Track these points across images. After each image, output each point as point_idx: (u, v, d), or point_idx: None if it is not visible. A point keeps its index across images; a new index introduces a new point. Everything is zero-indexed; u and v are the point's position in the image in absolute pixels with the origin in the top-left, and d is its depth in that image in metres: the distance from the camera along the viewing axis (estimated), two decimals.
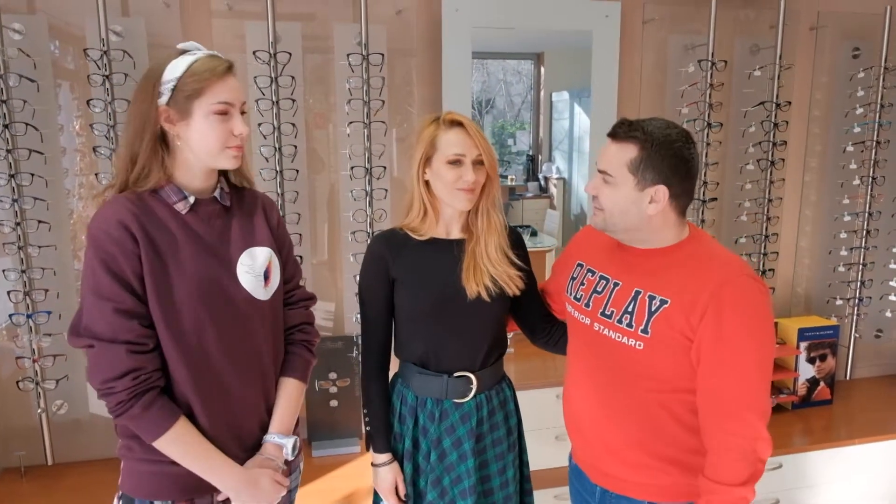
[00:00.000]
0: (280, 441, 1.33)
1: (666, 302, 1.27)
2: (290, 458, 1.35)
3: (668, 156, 1.25)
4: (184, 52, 1.22)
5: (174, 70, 1.19)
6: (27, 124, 1.96)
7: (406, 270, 1.48)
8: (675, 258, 1.31)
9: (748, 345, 1.22)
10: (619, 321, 1.33)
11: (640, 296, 1.31)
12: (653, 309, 1.28)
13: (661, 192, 1.27)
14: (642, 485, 1.37)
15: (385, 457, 1.52)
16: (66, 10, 2.03)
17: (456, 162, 1.42)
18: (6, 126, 1.94)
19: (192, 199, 1.25)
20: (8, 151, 1.95)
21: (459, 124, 1.44)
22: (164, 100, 1.19)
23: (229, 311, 1.25)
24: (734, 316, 1.21)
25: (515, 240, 1.58)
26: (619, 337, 1.33)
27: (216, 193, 1.29)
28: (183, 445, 1.21)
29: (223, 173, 1.32)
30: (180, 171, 1.24)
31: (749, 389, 1.23)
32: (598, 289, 1.40)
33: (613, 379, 1.37)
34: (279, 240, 1.39)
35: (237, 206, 1.33)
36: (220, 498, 1.28)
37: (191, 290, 1.20)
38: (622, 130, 1.28)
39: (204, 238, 1.25)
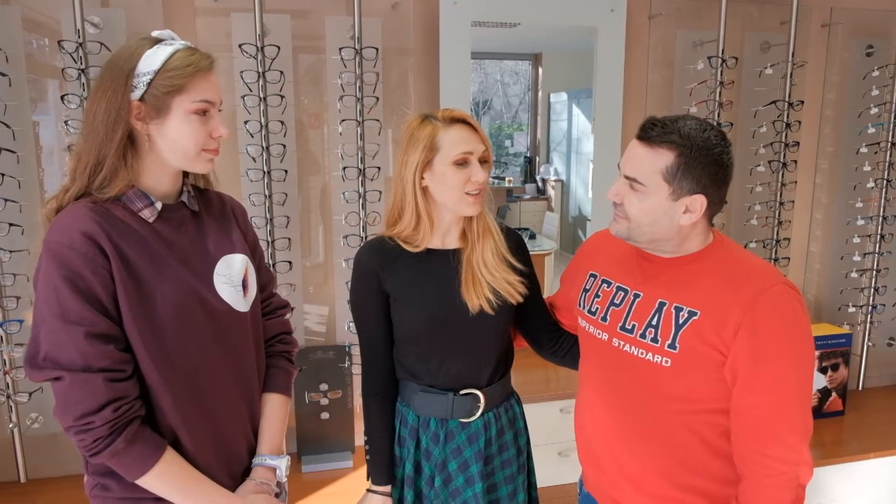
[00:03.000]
0: (273, 462, 1.24)
1: (695, 314, 1.16)
2: (284, 479, 1.27)
3: (708, 163, 1.13)
4: (158, 41, 1.10)
5: (151, 62, 1.06)
6: (6, 125, 1.85)
7: (401, 287, 1.36)
8: (701, 266, 1.21)
9: (788, 361, 1.12)
10: (643, 336, 1.22)
11: (665, 307, 1.20)
12: (680, 322, 1.17)
13: (699, 201, 1.15)
14: None
15: (384, 488, 1.42)
16: (42, 0, 1.92)
17: (463, 162, 1.31)
18: None
19: (158, 205, 1.13)
20: None
21: (462, 120, 1.33)
22: (137, 94, 1.06)
23: (212, 326, 1.15)
24: (772, 330, 1.11)
25: (516, 243, 1.47)
26: (642, 353, 1.22)
27: (184, 198, 1.18)
28: (171, 479, 1.10)
29: (186, 174, 1.20)
30: (145, 174, 1.12)
31: (790, 409, 1.13)
32: (616, 301, 1.29)
33: (635, 400, 1.25)
34: (252, 245, 1.29)
35: (204, 210, 1.22)
36: None
37: (170, 308, 1.09)
38: (655, 133, 1.14)
39: (177, 248, 1.14)
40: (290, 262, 2.13)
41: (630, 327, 1.24)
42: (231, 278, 1.19)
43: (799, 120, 2.48)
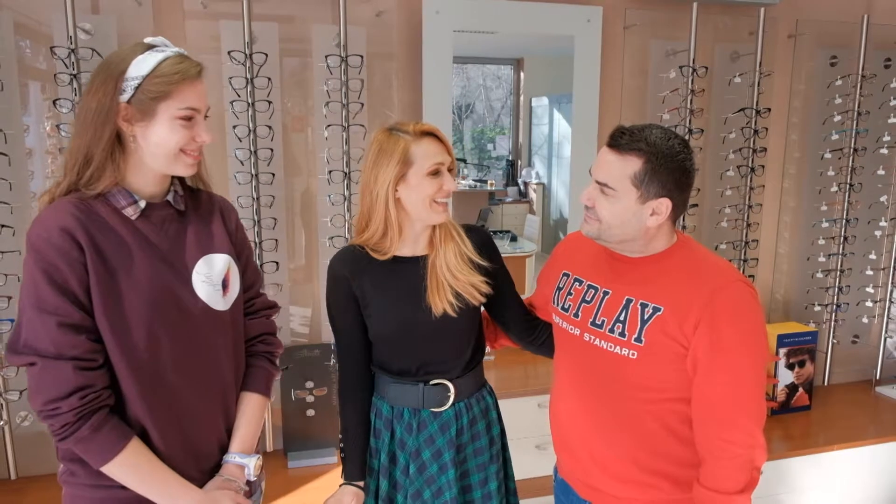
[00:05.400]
0: (241, 461, 1.25)
1: (659, 309, 1.24)
2: (253, 478, 1.27)
3: (673, 169, 1.22)
4: (150, 47, 1.14)
5: (141, 67, 1.10)
6: None
7: (371, 293, 1.42)
8: (665, 265, 1.29)
9: (744, 352, 1.20)
10: (611, 330, 1.30)
11: (631, 304, 1.28)
12: (646, 317, 1.25)
13: (665, 205, 1.23)
14: (634, 500, 1.34)
15: (357, 482, 1.46)
16: (33, 6, 1.96)
17: (436, 172, 1.37)
18: None
19: (142, 204, 1.16)
20: None
21: (431, 133, 1.38)
22: (125, 97, 1.10)
23: (185, 323, 1.17)
24: (729, 324, 1.19)
25: (481, 240, 1.51)
26: (611, 347, 1.30)
27: (169, 197, 1.21)
28: (135, 469, 1.12)
29: (178, 176, 1.24)
30: (132, 173, 1.16)
31: (746, 396, 1.21)
32: (587, 298, 1.37)
33: (604, 391, 1.33)
34: (238, 245, 1.31)
35: (192, 210, 1.25)
36: None
37: (142, 302, 1.12)
38: (624, 141, 1.23)
39: (156, 245, 1.17)
40: (276, 263, 2.19)
41: (600, 322, 1.32)
42: (211, 277, 1.21)
43: (766, 126, 2.58)
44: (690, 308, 1.21)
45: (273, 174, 2.15)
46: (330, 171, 2.19)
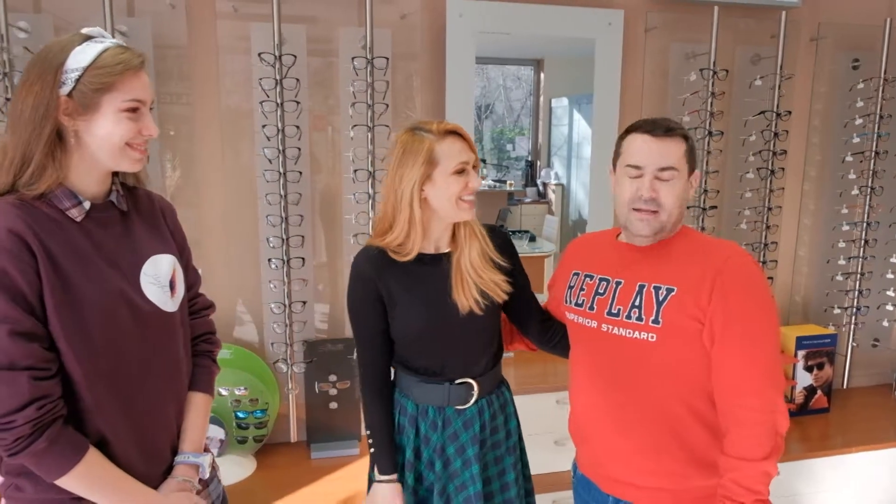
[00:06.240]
0: (196, 460, 1.24)
1: (672, 290, 1.30)
2: (206, 477, 1.27)
3: (695, 146, 1.38)
4: (88, 37, 1.08)
5: (80, 58, 1.04)
6: None
7: (397, 291, 1.44)
8: (671, 249, 1.36)
9: (757, 320, 1.26)
10: (628, 316, 1.34)
11: (645, 288, 1.33)
12: (660, 298, 1.31)
13: (697, 177, 1.39)
14: (659, 489, 1.36)
15: (390, 476, 1.50)
16: (72, 9, 2.03)
17: (461, 171, 1.40)
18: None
19: (87, 205, 1.10)
20: None
21: (455, 132, 1.41)
22: (66, 90, 1.04)
23: (137, 327, 1.13)
24: (741, 294, 1.26)
25: (502, 241, 1.55)
26: (629, 333, 1.34)
27: (112, 197, 1.16)
28: (92, 479, 1.08)
29: (115, 173, 1.18)
30: (74, 172, 1.09)
31: (764, 363, 1.26)
32: (601, 290, 1.41)
33: (626, 379, 1.37)
34: (180, 244, 1.28)
35: (133, 209, 1.20)
36: None
37: (96, 308, 1.07)
38: (668, 126, 1.34)
39: (104, 248, 1.12)
40: (302, 259, 2.25)
41: (616, 311, 1.37)
42: (158, 278, 1.18)
43: (787, 129, 2.59)
44: (702, 282, 1.27)
45: (300, 172, 2.20)
46: (355, 171, 2.24)
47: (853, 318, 2.82)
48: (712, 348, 1.28)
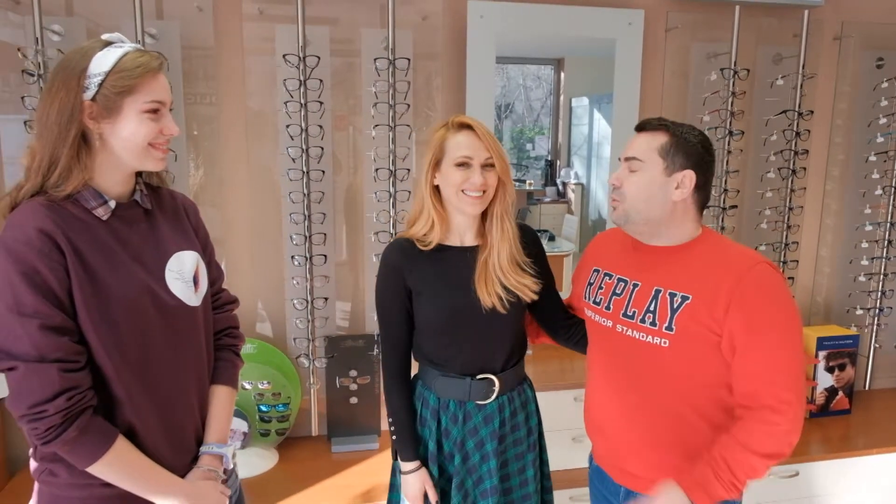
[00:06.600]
0: (219, 451, 1.29)
1: (688, 298, 1.30)
2: (230, 467, 1.31)
3: (695, 143, 1.32)
4: (108, 43, 1.13)
5: (102, 63, 1.09)
6: None
7: (422, 281, 1.48)
8: (690, 254, 1.35)
9: (779, 331, 1.25)
10: (643, 321, 1.35)
11: (660, 294, 1.34)
12: (675, 306, 1.31)
13: (689, 177, 1.31)
14: None
15: (413, 464, 1.53)
16: (103, 13, 2.09)
17: (463, 164, 1.42)
18: None
19: (112, 204, 1.15)
20: None
21: (468, 126, 1.44)
22: (89, 94, 1.09)
23: (164, 320, 1.18)
24: (760, 304, 1.24)
25: (531, 239, 1.57)
26: (643, 336, 1.35)
27: (136, 196, 1.21)
28: (122, 467, 1.13)
29: (139, 174, 1.23)
30: (99, 172, 1.14)
31: (786, 372, 1.25)
32: (618, 291, 1.42)
33: (638, 380, 1.38)
34: (203, 241, 1.33)
35: (157, 208, 1.25)
36: None
37: (123, 302, 1.12)
38: (651, 122, 1.35)
39: (130, 245, 1.17)
40: (325, 256, 2.29)
41: (631, 314, 1.38)
42: (182, 274, 1.22)
43: (808, 129, 2.57)
44: (718, 293, 1.25)
45: (323, 171, 2.25)
46: (377, 170, 2.28)
47: (876, 319, 2.80)
48: (734, 358, 1.27)
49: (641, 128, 1.37)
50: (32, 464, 1.17)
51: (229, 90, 2.24)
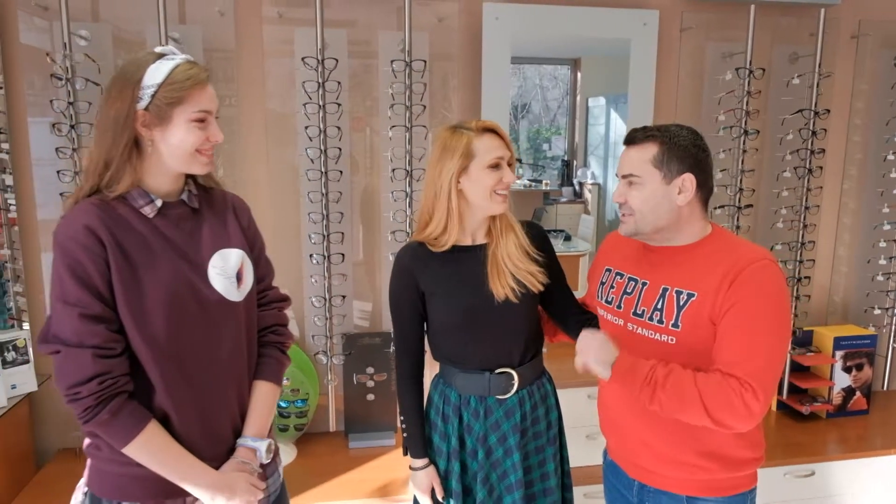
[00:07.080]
0: (254, 444, 1.31)
1: (693, 295, 1.31)
2: (265, 461, 1.33)
3: (688, 146, 1.33)
4: (161, 55, 1.21)
5: (155, 75, 1.17)
6: (92, 125, 2.07)
7: (435, 282, 1.52)
8: (699, 253, 1.37)
9: (768, 319, 1.25)
10: (651, 318, 1.37)
11: (668, 292, 1.36)
12: (681, 303, 1.33)
13: (689, 180, 1.33)
14: (684, 479, 1.40)
15: (422, 461, 1.57)
16: (129, 18, 2.15)
17: (496, 165, 1.47)
18: (73, 126, 2.06)
19: (159, 203, 1.23)
20: (74, 150, 2.07)
21: (492, 130, 1.49)
22: (143, 104, 1.17)
23: (202, 314, 1.24)
24: (753, 293, 1.25)
25: (536, 234, 1.60)
26: (651, 334, 1.37)
27: (184, 196, 1.28)
28: (153, 450, 1.19)
29: (191, 175, 1.30)
30: (149, 174, 1.22)
31: (760, 344, 1.24)
32: (628, 290, 1.45)
33: None
34: (251, 240, 1.38)
35: (206, 207, 1.32)
36: (192, 501, 1.26)
37: (162, 294, 1.18)
38: (638, 135, 1.36)
39: (173, 241, 1.24)
40: (342, 255, 2.33)
41: (640, 312, 1.40)
42: (225, 270, 1.27)
43: (825, 128, 2.56)
44: (720, 287, 1.27)
45: (340, 171, 2.28)
46: (393, 170, 2.31)
47: (894, 318, 2.77)
48: (718, 329, 1.28)
49: (630, 141, 1.38)
50: (85, 441, 1.25)
51: (249, 92, 2.29)
